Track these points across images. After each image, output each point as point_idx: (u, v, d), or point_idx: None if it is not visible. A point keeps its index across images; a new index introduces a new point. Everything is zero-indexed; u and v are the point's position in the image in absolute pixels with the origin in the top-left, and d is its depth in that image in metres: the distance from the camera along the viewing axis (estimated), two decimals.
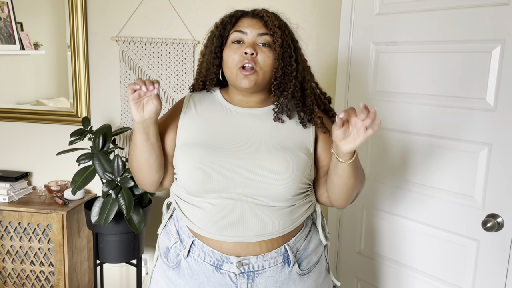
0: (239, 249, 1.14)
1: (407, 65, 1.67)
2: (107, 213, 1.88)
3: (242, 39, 1.17)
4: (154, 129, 1.16)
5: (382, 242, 1.83)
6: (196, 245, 1.17)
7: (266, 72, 1.17)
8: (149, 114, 1.12)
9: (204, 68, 1.26)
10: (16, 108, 2.45)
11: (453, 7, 1.51)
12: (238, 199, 1.13)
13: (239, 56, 1.15)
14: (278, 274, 1.16)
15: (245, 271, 1.14)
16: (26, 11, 2.40)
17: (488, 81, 1.44)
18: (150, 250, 2.48)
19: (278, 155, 1.15)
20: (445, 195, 1.59)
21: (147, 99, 1.11)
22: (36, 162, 2.49)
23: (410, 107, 1.66)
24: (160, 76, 2.27)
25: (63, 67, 2.39)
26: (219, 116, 1.22)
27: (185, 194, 1.19)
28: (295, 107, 1.21)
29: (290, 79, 1.17)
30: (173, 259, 1.22)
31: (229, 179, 1.13)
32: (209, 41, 1.24)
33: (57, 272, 2.22)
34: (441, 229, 1.62)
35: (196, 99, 1.28)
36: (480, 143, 1.48)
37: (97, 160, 1.94)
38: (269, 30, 1.16)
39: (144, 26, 2.27)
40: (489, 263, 1.49)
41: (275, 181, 1.12)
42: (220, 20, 1.24)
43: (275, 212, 1.15)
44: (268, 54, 1.16)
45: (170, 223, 1.28)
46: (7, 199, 2.26)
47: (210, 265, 1.15)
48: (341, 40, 1.91)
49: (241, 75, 1.15)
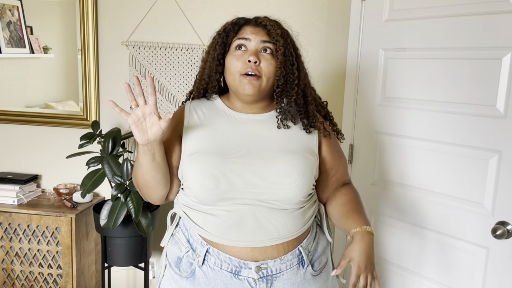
0: (257, 254, 1.15)
1: (416, 72, 1.67)
2: (116, 217, 1.89)
3: (245, 45, 1.17)
4: (160, 149, 1.14)
5: (389, 248, 1.83)
6: (211, 253, 1.16)
7: (270, 79, 1.18)
8: (153, 136, 1.10)
9: (207, 75, 1.25)
10: (26, 111, 2.47)
11: (463, 14, 1.51)
12: (253, 204, 1.14)
13: (242, 63, 1.16)
14: (295, 276, 1.18)
15: (264, 276, 1.15)
16: (36, 15, 2.42)
17: (498, 88, 1.44)
18: (157, 254, 2.49)
19: (289, 159, 1.16)
20: (454, 202, 1.59)
21: (150, 120, 1.09)
22: (45, 165, 2.51)
23: (419, 114, 1.66)
24: (169, 81, 2.29)
25: (72, 71, 2.41)
26: (224, 123, 1.22)
27: (196, 203, 1.19)
28: (298, 114, 1.23)
29: (292, 86, 1.19)
30: (186, 269, 1.20)
31: (244, 185, 1.13)
32: (212, 48, 1.24)
33: (65, 275, 2.23)
34: (450, 236, 1.61)
35: (196, 107, 1.27)
36: (490, 150, 1.48)
37: (106, 163, 1.96)
38: (272, 38, 1.16)
39: (154, 31, 2.28)
40: (499, 271, 1.48)
41: (289, 185, 1.14)
42: (222, 28, 1.24)
43: (289, 215, 1.16)
44: (271, 61, 1.17)
45: (178, 232, 1.26)
46: (16, 202, 2.28)
47: (228, 272, 1.15)
48: (350, 45, 1.91)
49: (245, 80, 1.16)
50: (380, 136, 1.82)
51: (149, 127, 1.09)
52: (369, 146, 1.87)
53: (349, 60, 1.92)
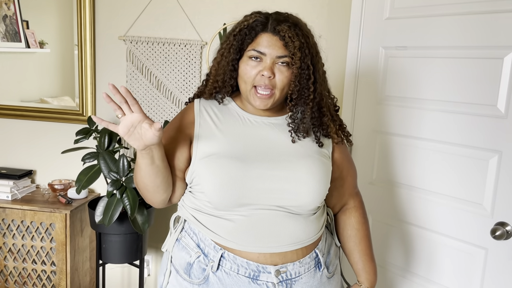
0: (276, 259, 1.12)
1: (417, 70, 1.65)
2: (111, 213, 1.87)
3: (261, 57, 1.12)
4: (158, 152, 1.08)
5: (388, 249, 1.82)
6: (226, 258, 1.12)
7: (283, 90, 1.14)
8: (151, 142, 1.03)
9: (221, 79, 1.19)
10: (21, 106, 2.45)
11: (465, 12, 1.50)
12: (270, 209, 1.11)
13: (255, 74, 1.12)
14: (312, 279, 1.16)
15: (283, 279, 1.12)
16: (32, 9, 2.39)
17: (499, 87, 1.43)
18: (152, 251, 2.47)
19: (307, 164, 1.14)
20: (453, 202, 1.58)
21: (142, 128, 1.02)
22: (40, 160, 2.48)
23: (420, 113, 1.65)
24: (167, 77, 2.27)
25: (68, 66, 2.39)
26: (238, 126, 1.18)
27: (209, 208, 1.14)
28: (312, 126, 1.19)
29: (306, 102, 1.14)
30: (199, 275, 1.14)
31: (262, 191, 1.10)
32: (226, 50, 1.16)
33: (59, 272, 2.21)
34: (449, 236, 1.60)
35: (207, 107, 1.21)
36: (490, 150, 1.47)
37: (102, 159, 1.93)
38: (289, 52, 1.11)
39: (152, 26, 2.26)
40: (497, 272, 1.48)
41: (307, 191, 1.12)
42: (238, 29, 1.15)
43: (306, 220, 1.15)
44: (286, 74, 1.12)
45: (184, 237, 1.20)
46: (10, 197, 2.25)
47: (246, 277, 1.11)
48: (350, 43, 1.90)
49: (255, 97, 1.12)
50: (379, 135, 1.81)
51: (143, 134, 1.03)
52: (368, 145, 1.85)
53: (349, 59, 1.91)
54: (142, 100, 2.30)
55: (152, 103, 2.30)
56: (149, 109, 2.31)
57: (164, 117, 2.31)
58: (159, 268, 2.48)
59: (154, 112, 2.31)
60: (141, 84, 2.29)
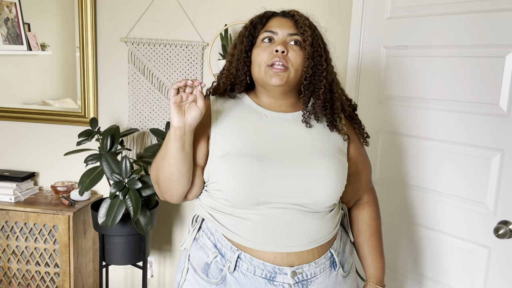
0: (293, 259, 1.12)
1: (418, 70, 1.65)
2: (114, 215, 1.87)
3: (273, 37, 1.14)
4: (190, 137, 1.10)
5: (391, 248, 1.82)
6: (243, 259, 1.12)
7: (297, 70, 1.13)
8: (191, 120, 1.07)
9: (234, 67, 1.19)
10: (24, 108, 2.45)
11: (466, 11, 1.50)
12: (287, 208, 1.11)
13: (268, 53, 1.12)
14: (328, 279, 1.16)
15: (299, 280, 1.11)
16: (33, 12, 2.40)
17: (501, 86, 1.43)
18: (155, 252, 2.47)
19: (324, 161, 1.13)
20: (456, 201, 1.58)
21: (189, 104, 1.07)
22: (42, 162, 2.48)
23: (421, 112, 1.65)
24: (169, 78, 2.27)
25: (70, 68, 2.39)
26: (255, 121, 1.17)
27: (226, 206, 1.13)
28: (323, 109, 1.18)
29: (320, 79, 1.14)
30: (216, 275, 1.14)
31: (281, 189, 1.09)
32: (238, 41, 1.19)
33: (62, 273, 2.21)
34: (452, 235, 1.60)
35: (224, 104, 1.21)
36: (493, 149, 1.47)
37: (105, 161, 1.94)
38: (300, 29, 1.13)
39: (153, 27, 2.26)
40: (501, 271, 1.47)
41: (325, 188, 1.11)
42: (249, 21, 1.20)
43: (322, 218, 1.15)
44: (298, 52, 1.13)
45: (202, 236, 1.20)
46: (13, 199, 2.25)
47: (262, 278, 1.11)
48: (352, 43, 1.90)
49: (271, 72, 1.12)
50: (381, 134, 1.81)
51: (187, 110, 1.06)
52: (371, 145, 1.85)
53: (351, 58, 1.91)
54: (144, 102, 2.30)
55: (154, 104, 2.30)
56: (151, 111, 2.31)
57: (166, 118, 2.31)
58: (162, 269, 2.48)
59: (156, 113, 2.31)
60: (142, 86, 2.29)
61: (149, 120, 2.32)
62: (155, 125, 2.32)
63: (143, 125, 2.33)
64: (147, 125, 2.33)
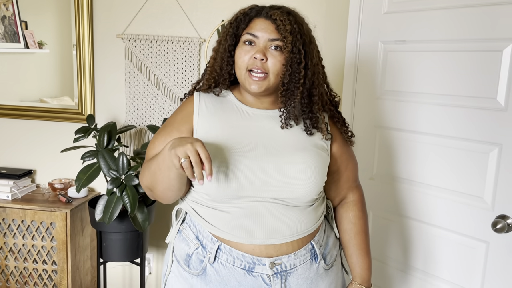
0: (271, 251, 1.13)
1: (416, 64, 1.65)
2: (111, 211, 1.87)
3: (254, 41, 1.15)
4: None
5: (389, 244, 1.81)
6: (222, 250, 1.14)
7: (277, 76, 1.14)
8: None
9: (218, 66, 1.21)
10: (20, 105, 2.44)
11: (463, 5, 1.50)
12: (267, 201, 1.12)
13: (249, 58, 1.13)
14: (308, 271, 1.17)
15: (278, 272, 1.13)
16: (30, 10, 2.39)
17: (499, 80, 1.42)
18: (153, 249, 2.46)
19: (303, 156, 1.14)
20: (454, 196, 1.57)
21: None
22: (40, 159, 2.48)
23: (419, 107, 1.65)
24: (166, 74, 2.26)
25: (67, 66, 2.38)
26: (237, 118, 1.19)
27: (207, 200, 1.16)
28: (302, 113, 1.19)
29: (297, 86, 1.14)
30: (197, 266, 1.17)
31: (259, 183, 1.11)
32: (223, 38, 1.20)
33: (60, 271, 2.21)
34: (450, 230, 1.60)
35: (207, 100, 1.22)
36: (490, 143, 1.46)
37: (101, 157, 1.93)
38: (280, 35, 1.13)
39: (150, 23, 2.26)
40: (499, 265, 1.47)
41: (304, 183, 1.13)
42: (234, 17, 1.19)
43: (302, 211, 1.16)
44: (278, 58, 1.13)
45: (185, 228, 1.22)
46: (10, 197, 2.25)
47: (241, 269, 1.13)
48: (349, 38, 1.89)
49: (250, 80, 1.13)
50: (379, 130, 1.81)
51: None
52: (368, 140, 1.85)
53: (348, 53, 1.90)
54: (141, 99, 2.30)
55: (150, 101, 2.30)
56: (148, 107, 2.30)
57: (163, 115, 2.30)
58: (160, 266, 2.48)
59: (153, 110, 2.30)
60: (139, 82, 2.28)
61: (146, 116, 2.31)
62: (152, 121, 2.32)
63: (140, 121, 2.32)
64: (144, 122, 2.32)
